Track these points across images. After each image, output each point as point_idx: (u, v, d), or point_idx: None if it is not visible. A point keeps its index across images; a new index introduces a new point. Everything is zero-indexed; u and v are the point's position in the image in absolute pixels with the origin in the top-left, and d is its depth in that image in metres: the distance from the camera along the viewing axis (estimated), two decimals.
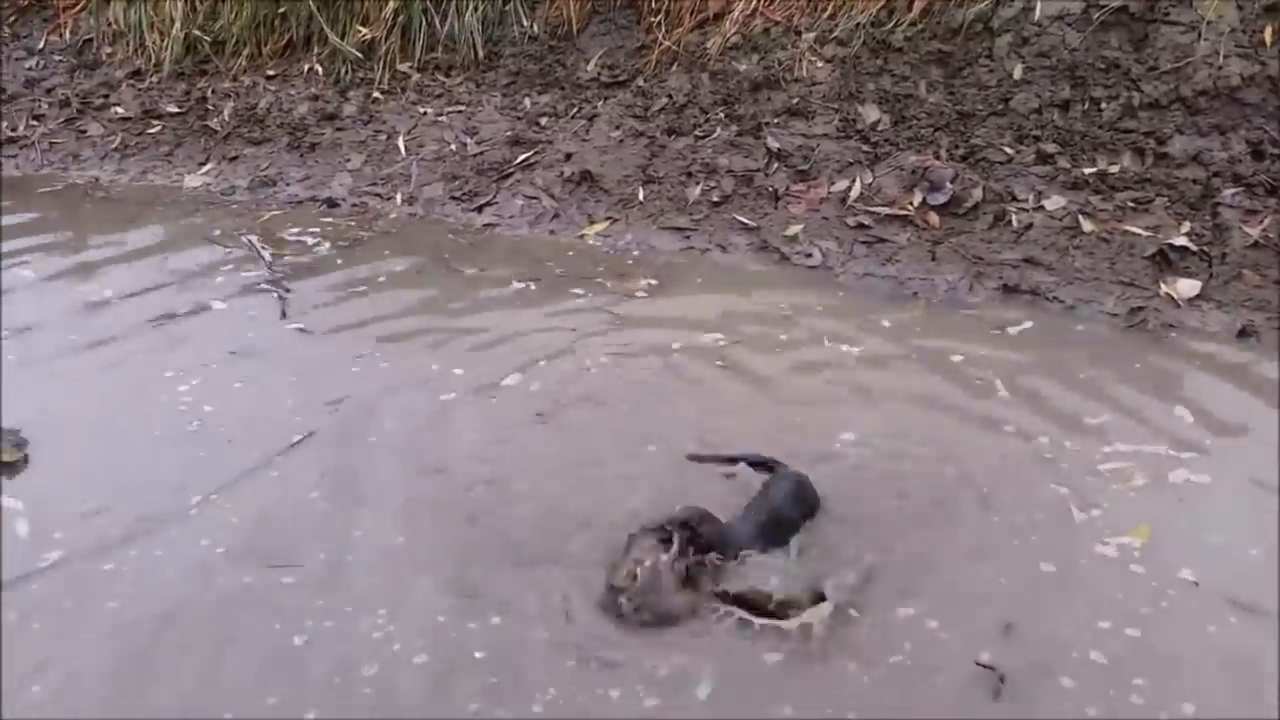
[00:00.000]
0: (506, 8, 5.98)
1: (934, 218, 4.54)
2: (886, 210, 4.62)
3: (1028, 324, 3.95)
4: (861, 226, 4.60)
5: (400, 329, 4.06)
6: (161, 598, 2.62)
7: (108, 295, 4.39)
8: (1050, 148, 4.62)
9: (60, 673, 2.39)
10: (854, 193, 4.71)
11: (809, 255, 4.56)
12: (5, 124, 6.45)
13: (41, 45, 6.94)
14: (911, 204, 4.59)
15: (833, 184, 4.78)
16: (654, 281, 4.37)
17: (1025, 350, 3.75)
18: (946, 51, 5.06)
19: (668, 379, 3.62)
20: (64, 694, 2.34)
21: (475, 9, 5.94)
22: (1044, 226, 4.37)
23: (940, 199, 4.56)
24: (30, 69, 6.81)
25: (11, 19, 7.16)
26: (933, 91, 5.02)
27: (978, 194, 4.52)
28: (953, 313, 4.09)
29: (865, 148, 4.88)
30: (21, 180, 5.94)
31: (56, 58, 6.85)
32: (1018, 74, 4.90)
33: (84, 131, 6.29)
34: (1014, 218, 4.42)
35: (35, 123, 6.43)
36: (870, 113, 5.03)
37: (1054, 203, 4.44)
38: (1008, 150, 4.69)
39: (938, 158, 4.73)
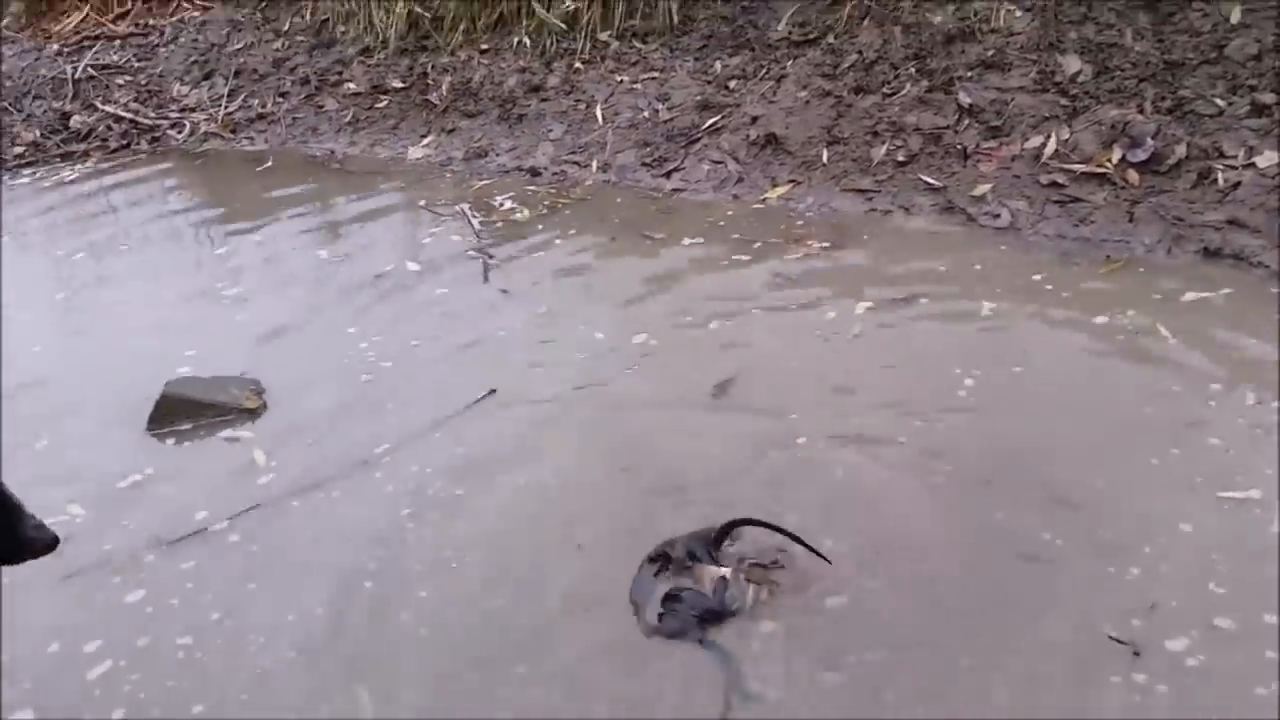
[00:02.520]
0: None
1: (1133, 175, 4.34)
2: (1082, 168, 4.45)
3: (1227, 290, 3.75)
4: (1055, 185, 4.46)
5: (594, 292, 4.33)
6: (359, 528, 3.04)
7: (337, 256, 4.93)
8: (1267, 98, 4.30)
9: (280, 580, 2.83)
10: (1048, 149, 4.56)
11: (997, 216, 4.47)
12: (256, 101, 7.19)
13: (286, 27, 7.64)
14: (1110, 161, 4.40)
15: (1026, 141, 4.64)
16: (827, 244, 4.43)
17: (1225, 319, 3.58)
18: None
19: (828, 343, 3.72)
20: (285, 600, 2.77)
21: None
22: (1253, 185, 4.10)
23: (1140, 156, 4.35)
24: (277, 49, 7.51)
25: (262, 4, 7.91)
26: (1139, 40, 4.75)
27: (1181, 150, 4.28)
28: (1148, 276, 3.93)
29: (1063, 101, 4.69)
30: (269, 154, 6.63)
31: (299, 38, 7.53)
32: (1235, 17, 4.57)
33: (321, 107, 6.92)
34: (1220, 176, 4.17)
35: (280, 99, 7.12)
36: (1071, 64, 4.82)
37: (1267, 159, 4.15)
38: (1219, 102, 4.40)
39: (1141, 111, 4.50)
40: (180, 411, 3.79)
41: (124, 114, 7.38)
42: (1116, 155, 4.39)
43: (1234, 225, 4.02)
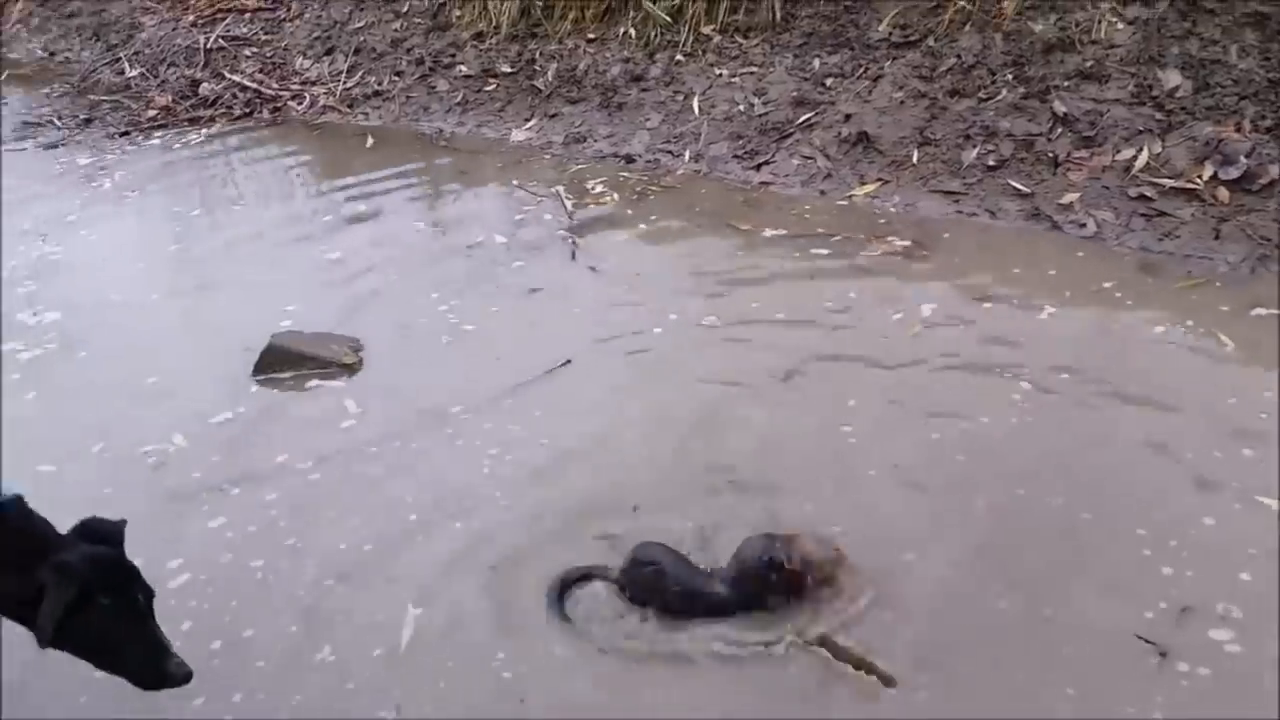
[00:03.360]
0: None
1: (1223, 193, 4.31)
2: (1172, 183, 4.44)
3: None
4: (1143, 198, 4.46)
5: (674, 276, 4.49)
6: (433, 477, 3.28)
7: (434, 227, 5.20)
8: None
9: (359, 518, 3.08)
10: (1140, 162, 4.55)
11: (1083, 225, 4.49)
12: (373, 79, 7.53)
13: (405, 9, 7.96)
14: (1201, 177, 4.39)
15: (1118, 152, 4.64)
16: (907, 243, 4.51)
17: None
18: (1265, 13, 4.70)
19: (887, 339, 3.82)
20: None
21: None
22: None
23: (1233, 173, 4.32)
24: (395, 30, 7.84)
25: None
26: (1244, 57, 4.69)
27: (1275, 170, 4.24)
28: (1223, 292, 3.92)
29: (1159, 115, 4.67)
30: (381, 130, 6.95)
31: (417, 20, 7.83)
32: None
33: (434, 87, 7.21)
34: None
35: (396, 78, 7.44)
36: (1171, 78, 4.79)
37: None
38: None
39: (1239, 129, 4.46)
40: (283, 361, 4.08)
41: (249, 84, 7.80)
42: (1208, 172, 4.37)
43: None
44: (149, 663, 2.20)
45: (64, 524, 2.24)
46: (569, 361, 3.85)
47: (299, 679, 2.59)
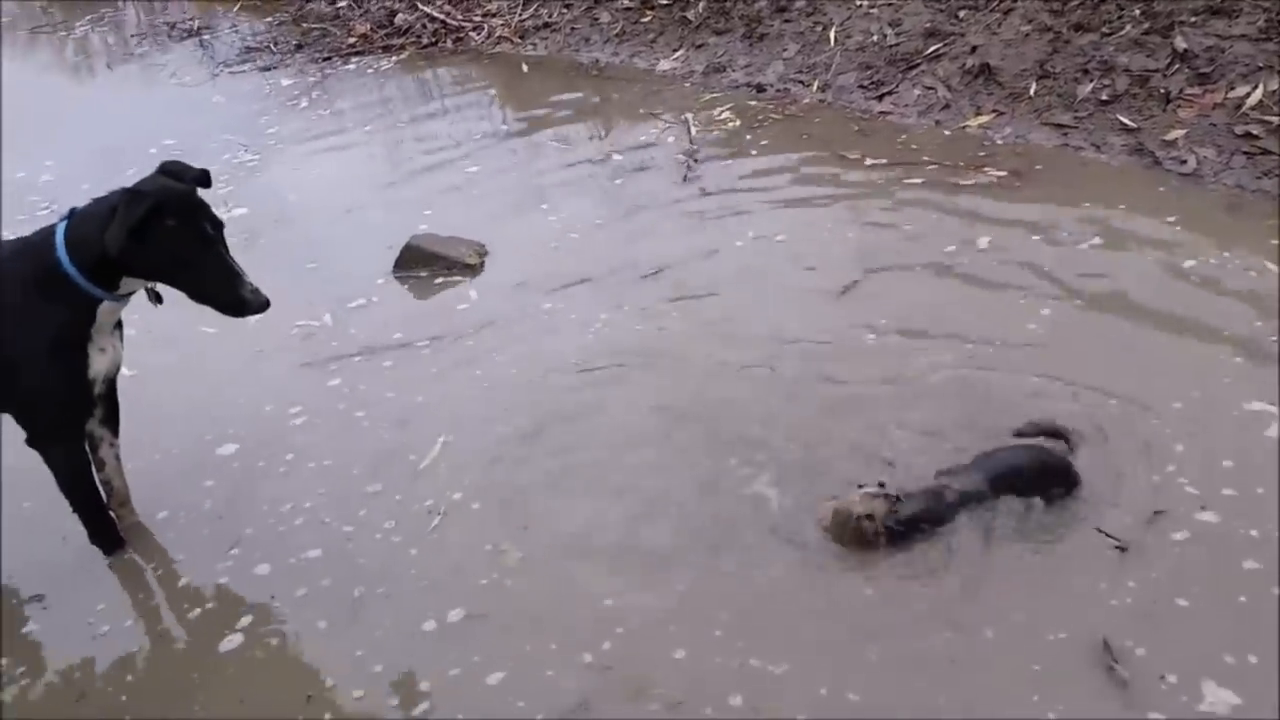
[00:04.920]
0: None
1: None
2: None
3: None
4: (1248, 136, 4.41)
5: (773, 197, 4.84)
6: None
7: (559, 149, 5.75)
8: None
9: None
10: (1252, 100, 4.49)
11: (1183, 162, 4.49)
12: (545, 11, 8.07)
13: None
14: None
15: (1232, 89, 4.58)
16: (1003, 173, 4.65)
17: None
18: None
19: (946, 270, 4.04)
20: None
21: None
22: None
23: None
24: None
25: None
26: None
27: None
28: None
29: None
30: (543, 59, 7.50)
31: None
32: None
33: (596, 19, 7.68)
34: None
35: (565, 10, 7.95)
36: None
37: None
38: None
39: None
40: (418, 259, 4.72)
41: (438, 15, 8.50)
42: None
43: None
44: (224, 286, 2.77)
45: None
46: (660, 271, 4.30)
47: (347, 498, 3.28)
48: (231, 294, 2.81)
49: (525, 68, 7.34)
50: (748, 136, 5.53)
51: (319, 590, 2.94)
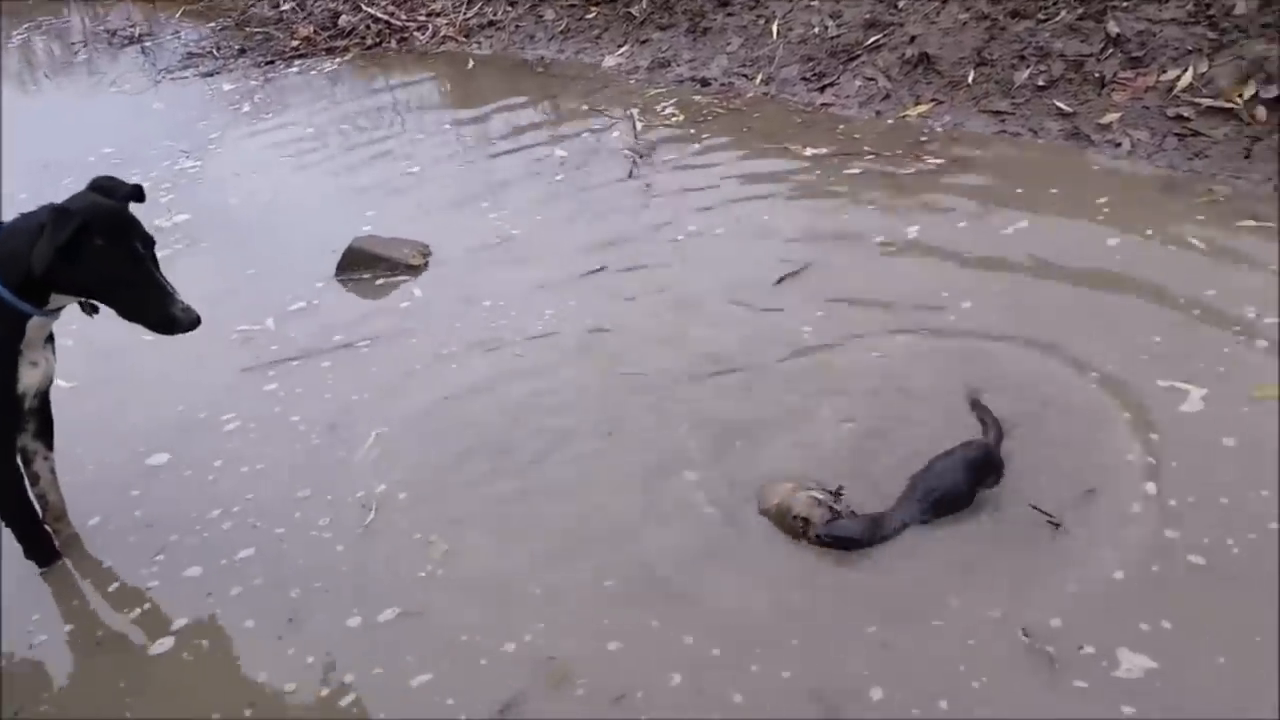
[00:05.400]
0: None
1: (1261, 112, 4.29)
2: (1211, 102, 4.43)
3: None
4: (1180, 118, 4.47)
5: (717, 191, 4.83)
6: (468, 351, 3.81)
7: (504, 146, 5.71)
8: None
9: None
10: (1183, 83, 4.55)
11: (1118, 145, 4.55)
12: (490, 9, 8.04)
13: None
14: (1240, 97, 4.36)
15: (1163, 73, 4.64)
16: (941, 161, 4.69)
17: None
18: None
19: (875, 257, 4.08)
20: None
21: None
22: None
23: (1274, 91, 4.28)
24: None
25: None
26: None
27: None
28: (1228, 206, 3.97)
29: (1211, 35, 4.63)
30: (490, 57, 7.47)
31: None
32: None
33: (541, 16, 7.66)
34: None
35: (509, 8, 7.93)
36: None
37: None
38: None
39: None
40: (360, 262, 4.66)
41: (382, 16, 8.45)
42: (1249, 91, 4.34)
43: None
44: (154, 305, 2.71)
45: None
46: (603, 268, 4.29)
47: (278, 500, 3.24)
48: (161, 312, 2.76)
49: (471, 64, 7.31)
50: (692, 130, 5.53)
51: (253, 590, 2.90)
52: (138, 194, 2.87)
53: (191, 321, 2.78)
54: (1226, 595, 2.40)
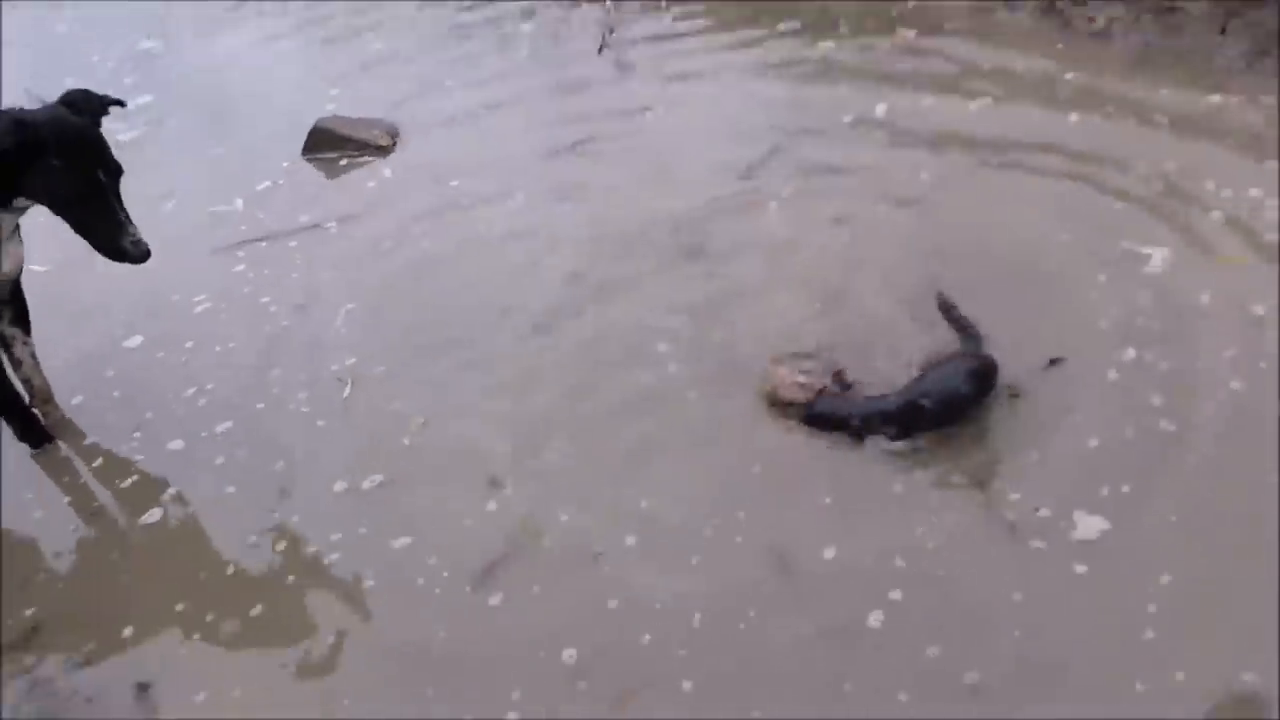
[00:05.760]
0: None
1: None
2: None
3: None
4: None
5: (687, 66, 4.78)
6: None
7: (470, 19, 5.63)
8: None
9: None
10: None
11: (1093, 20, 4.52)
12: None
13: None
14: None
15: None
16: (914, 32, 4.66)
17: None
18: None
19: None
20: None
21: None
22: None
23: None
24: None
25: None
26: None
27: None
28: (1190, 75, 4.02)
29: None
30: None
31: None
32: None
33: None
34: None
35: None
36: None
37: None
38: None
39: None
40: (327, 142, 4.61)
41: None
42: None
43: None
44: (106, 234, 2.71)
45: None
46: (571, 145, 4.27)
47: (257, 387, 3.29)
48: (112, 243, 2.74)
49: None
50: (664, 3, 5.43)
51: (235, 461, 3.00)
52: (104, 107, 2.83)
53: (141, 254, 2.76)
54: (1186, 457, 2.53)
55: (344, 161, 4.48)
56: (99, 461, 3.12)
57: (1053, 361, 2.82)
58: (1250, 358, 2.75)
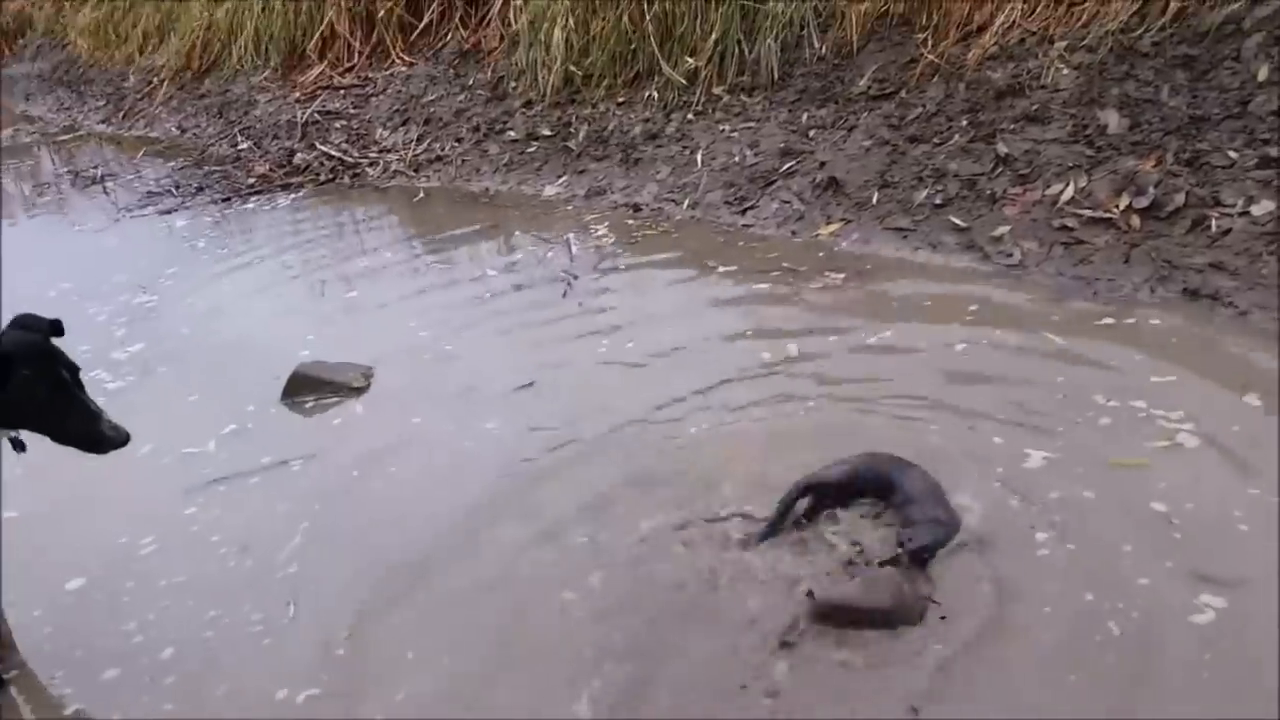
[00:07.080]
0: (802, 33, 6.77)
1: (1135, 220, 4.66)
2: (1091, 213, 4.81)
3: (1156, 322, 4.21)
4: (1065, 228, 4.84)
5: (642, 307, 5.13)
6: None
7: (451, 272, 6.02)
8: (1276, 151, 4.51)
9: None
10: (1066, 196, 4.94)
11: (1009, 255, 4.90)
12: (438, 145, 8.47)
13: (470, 82, 8.91)
14: (1117, 207, 4.74)
15: (1048, 187, 5.04)
16: (843, 275, 5.03)
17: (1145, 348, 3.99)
18: (1193, 55, 5.04)
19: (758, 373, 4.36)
20: None
21: (776, 35, 6.79)
22: (1243, 232, 4.36)
23: (1143, 202, 4.66)
24: (460, 101, 8.78)
25: (455, 62, 9.25)
26: (1174, 95, 5.03)
27: (1180, 199, 4.57)
28: (1093, 307, 4.38)
29: (1089, 152, 5.05)
30: (438, 190, 7.86)
31: (479, 91, 8.75)
32: (1263, 75, 4.78)
33: (486, 151, 8.07)
34: (1214, 223, 4.45)
35: (456, 144, 8.35)
36: (1109, 118, 5.15)
37: (1262, 208, 4.39)
38: (1232, 154, 4.64)
39: (1160, 163, 4.80)
40: (306, 387, 4.85)
41: (335, 153, 8.86)
42: (1124, 202, 4.73)
43: (1216, 268, 4.30)
44: (83, 425, 2.88)
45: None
46: (532, 383, 4.52)
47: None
48: (90, 432, 2.93)
49: (420, 196, 7.69)
50: (622, 253, 5.86)
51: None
52: (57, 329, 3.06)
53: (122, 439, 2.94)
54: None
55: (314, 403, 4.71)
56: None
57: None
58: None
